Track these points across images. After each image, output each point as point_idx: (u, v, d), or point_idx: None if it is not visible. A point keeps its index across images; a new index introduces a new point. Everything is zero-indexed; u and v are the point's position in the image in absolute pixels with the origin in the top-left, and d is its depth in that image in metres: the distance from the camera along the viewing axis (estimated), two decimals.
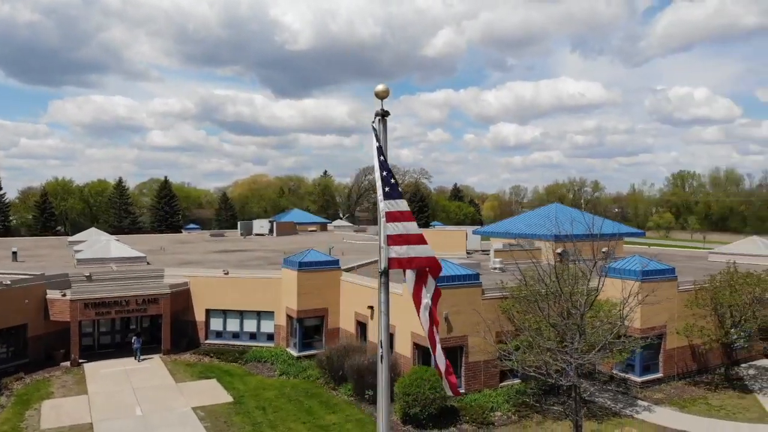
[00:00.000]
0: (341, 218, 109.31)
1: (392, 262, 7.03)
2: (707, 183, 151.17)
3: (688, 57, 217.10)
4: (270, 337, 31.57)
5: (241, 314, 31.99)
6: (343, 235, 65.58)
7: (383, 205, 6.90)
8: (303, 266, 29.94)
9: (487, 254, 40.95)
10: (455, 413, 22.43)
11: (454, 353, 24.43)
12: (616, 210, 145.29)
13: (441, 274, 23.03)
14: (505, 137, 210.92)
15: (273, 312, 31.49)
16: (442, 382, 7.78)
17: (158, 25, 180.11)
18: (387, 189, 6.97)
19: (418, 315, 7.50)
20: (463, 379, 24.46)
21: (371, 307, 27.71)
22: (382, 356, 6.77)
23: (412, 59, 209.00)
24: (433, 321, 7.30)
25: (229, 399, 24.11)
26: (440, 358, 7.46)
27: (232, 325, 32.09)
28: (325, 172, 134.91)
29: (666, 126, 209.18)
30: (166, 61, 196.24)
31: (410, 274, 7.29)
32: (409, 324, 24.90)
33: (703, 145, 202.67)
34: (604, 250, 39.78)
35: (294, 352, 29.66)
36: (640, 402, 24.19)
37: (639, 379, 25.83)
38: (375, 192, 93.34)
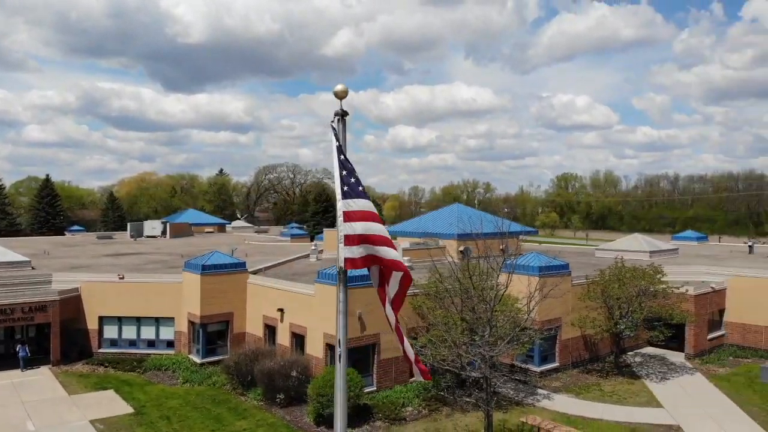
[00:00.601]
0: (239, 219, 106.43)
1: (347, 262, 6.93)
2: (588, 185, 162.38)
3: (571, 66, 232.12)
4: (170, 344, 30.10)
5: (138, 321, 30.26)
6: (244, 237, 63.86)
7: (341, 205, 6.79)
8: (206, 269, 28.84)
9: None
10: (369, 411, 22.55)
11: (367, 351, 24.56)
12: (506, 210, 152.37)
13: (354, 273, 23.04)
14: (403, 139, 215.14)
15: (173, 318, 30.07)
16: (413, 370, 7.93)
17: (38, 14, 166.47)
18: (346, 188, 6.86)
19: (384, 310, 7.49)
20: (375, 377, 24.63)
21: (281, 310, 27.23)
22: (340, 355, 6.64)
23: (311, 58, 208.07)
24: (396, 316, 7.31)
25: (130, 410, 22.73)
26: (408, 349, 7.51)
27: (129, 332, 30.27)
28: (221, 170, 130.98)
29: (550, 131, 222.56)
30: (45, 51, 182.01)
31: (374, 271, 7.23)
32: (321, 325, 24.72)
33: (584, 149, 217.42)
34: (502, 247, 41.67)
35: (197, 359, 28.48)
36: (539, 391, 25.52)
37: (538, 369, 27.25)
38: (276, 191, 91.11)
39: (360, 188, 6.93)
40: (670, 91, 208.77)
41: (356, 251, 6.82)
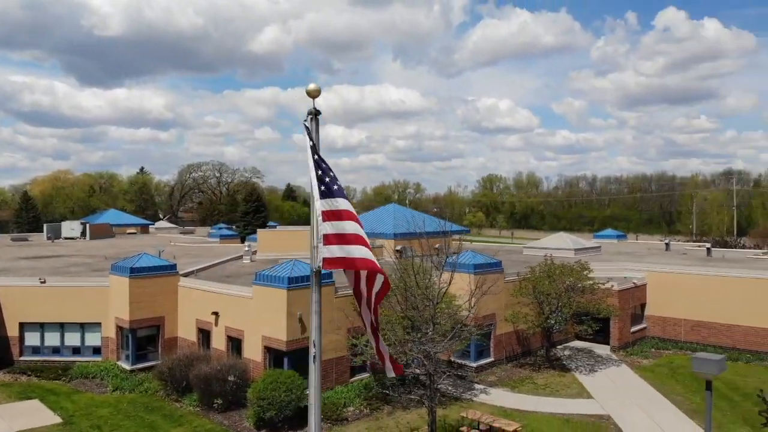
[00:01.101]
0: (162, 219, 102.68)
1: (325, 262, 6.84)
2: (512, 185, 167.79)
3: (495, 71, 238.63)
4: (97, 350, 28.67)
5: (62, 327, 28.64)
6: (169, 238, 61.68)
7: (318, 204, 6.69)
8: (135, 272, 27.67)
9: None
10: None
11: (307, 353, 24.26)
12: (436, 210, 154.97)
13: (294, 275, 22.70)
14: (333, 139, 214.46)
15: (100, 323, 28.66)
16: (384, 367, 7.90)
17: None
18: (323, 188, 6.78)
19: (359, 309, 7.42)
20: None
21: (216, 313, 26.51)
22: (315, 356, 6.53)
23: (237, 54, 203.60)
24: (375, 314, 7.25)
25: (58, 420, 21.49)
26: (383, 347, 7.48)
27: (52, 339, 28.58)
28: (142, 168, 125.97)
29: (475, 133, 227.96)
30: None
31: (348, 274, 7.16)
32: (259, 328, 24.26)
33: (507, 151, 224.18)
34: (437, 246, 42.26)
35: (126, 366, 27.28)
36: (476, 386, 26.12)
37: (474, 365, 27.90)
38: (201, 190, 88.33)
39: (336, 187, 6.88)
40: (587, 97, 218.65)
41: (335, 251, 6.77)
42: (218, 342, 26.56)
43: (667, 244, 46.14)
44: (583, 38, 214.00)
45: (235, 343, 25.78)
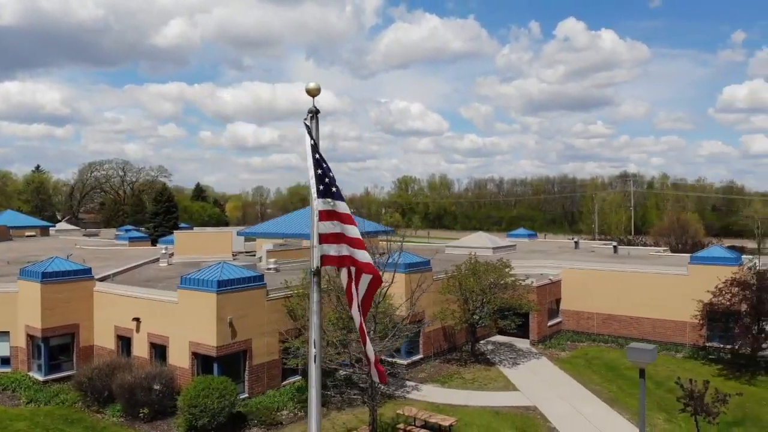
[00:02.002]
0: (61, 220, 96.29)
1: (324, 259, 6.77)
2: (425, 187, 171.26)
3: (407, 74, 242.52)
4: (6, 361, 26.59)
5: None
6: (74, 240, 57.98)
7: (317, 204, 6.61)
8: (47, 277, 25.89)
9: (253, 255, 40.46)
10: (243, 419, 21.84)
11: (238, 358, 23.71)
12: (353, 210, 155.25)
13: (224, 278, 22.07)
14: (243, 137, 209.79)
15: (8, 332, 26.60)
16: (370, 372, 7.80)
17: None
18: (321, 187, 6.69)
19: (350, 310, 7.33)
20: (247, 383, 23.85)
21: (137, 319, 25.29)
22: (315, 356, 6.44)
23: (140, 47, 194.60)
24: (364, 316, 7.18)
25: None
26: (369, 350, 7.39)
27: None
28: (38, 167, 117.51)
29: (388, 135, 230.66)
30: None
31: (344, 272, 7.08)
32: (186, 333, 23.40)
33: (418, 153, 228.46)
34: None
35: (39, 376, 25.47)
36: (408, 383, 26.53)
37: (405, 362, 28.31)
38: (103, 190, 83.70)
39: (334, 188, 6.85)
40: (493, 102, 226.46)
41: (333, 249, 6.76)
42: (140, 349, 25.35)
43: (576, 243, 48.81)
44: (489, 45, 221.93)
45: (159, 350, 24.71)
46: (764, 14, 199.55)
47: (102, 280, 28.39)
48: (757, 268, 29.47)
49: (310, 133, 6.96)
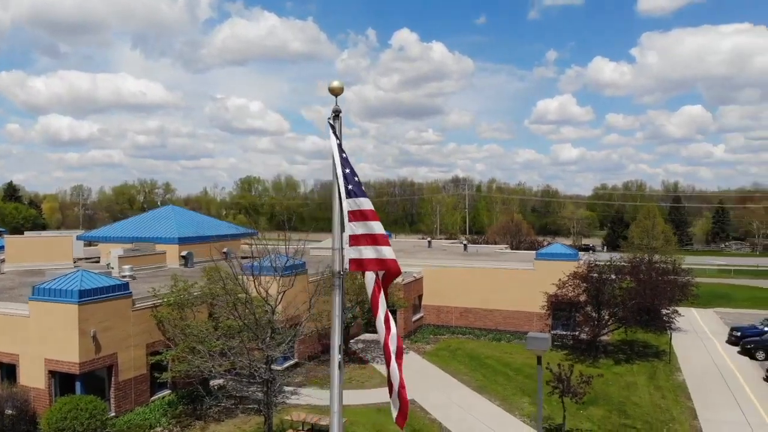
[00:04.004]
0: None
1: (352, 263, 6.45)
2: (271, 188, 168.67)
3: (245, 71, 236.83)
4: None
5: None
6: None
7: (346, 204, 6.29)
8: None
9: (97, 262, 36.98)
10: None
11: (102, 374, 21.58)
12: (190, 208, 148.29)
13: (85, 288, 20.23)
14: (57, 131, 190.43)
15: None
16: (391, 398, 7.14)
17: None
18: (350, 187, 6.38)
19: (375, 319, 7.00)
20: (113, 400, 21.78)
21: None
22: (340, 363, 6.13)
23: None
24: (388, 329, 6.89)
25: None
26: (394, 372, 7.00)
27: None
28: None
29: (225, 133, 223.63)
30: None
31: (370, 276, 6.78)
32: (40, 350, 20.81)
33: (259, 153, 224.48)
34: (224, 250, 40.94)
35: None
36: (287, 388, 25.99)
37: (282, 367, 27.68)
38: None
39: (362, 187, 6.62)
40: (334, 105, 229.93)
41: (363, 252, 6.51)
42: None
43: (429, 242, 51.33)
44: (329, 49, 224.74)
45: (6, 370, 21.68)
46: (574, 36, 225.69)
47: None
48: (596, 263, 33.26)
49: (335, 132, 6.71)
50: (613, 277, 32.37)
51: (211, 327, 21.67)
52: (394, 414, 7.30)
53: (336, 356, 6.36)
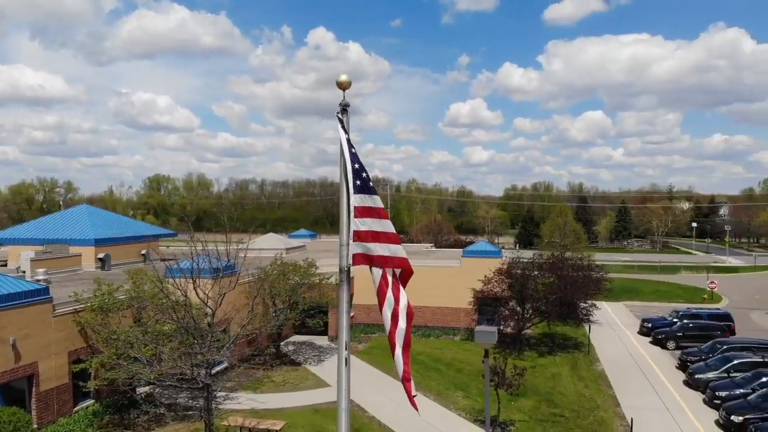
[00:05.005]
0: None
1: (356, 258, 6.29)
2: (181, 187, 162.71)
3: (153, 64, 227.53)
4: None
5: None
6: None
7: (353, 200, 6.12)
8: None
9: (4, 266, 34.34)
10: None
11: (22, 385, 20.05)
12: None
13: (2, 292, 18.90)
14: None
15: None
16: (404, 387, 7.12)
17: None
18: (358, 182, 6.22)
19: (381, 312, 6.87)
20: (35, 412, 20.29)
21: None
22: (346, 359, 6.00)
23: None
24: (395, 322, 6.79)
25: None
26: (398, 361, 6.96)
27: None
28: None
29: (131, 129, 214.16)
30: None
31: (376, 272, 6.65)
32: None
33: (167, 150, 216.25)
34: (143, 252, 39.24)
35: None
36: (219, 394, 25.22)
37: (213, 372, 26.79)
38: None
39: (371, 183, 6.49)
40: (247, 102, 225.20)
41: (371, 248, 6.40)
42: None
43: None
44: (242, 44, 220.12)
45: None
46: (486, 41, 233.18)
47: None
48: (519, 259, 34.57)
49: (344, 127, 6.57)
50: (536, 273, 33.75)
51: (140, 332, 20.70)
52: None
53: (343, 353, 6.28)
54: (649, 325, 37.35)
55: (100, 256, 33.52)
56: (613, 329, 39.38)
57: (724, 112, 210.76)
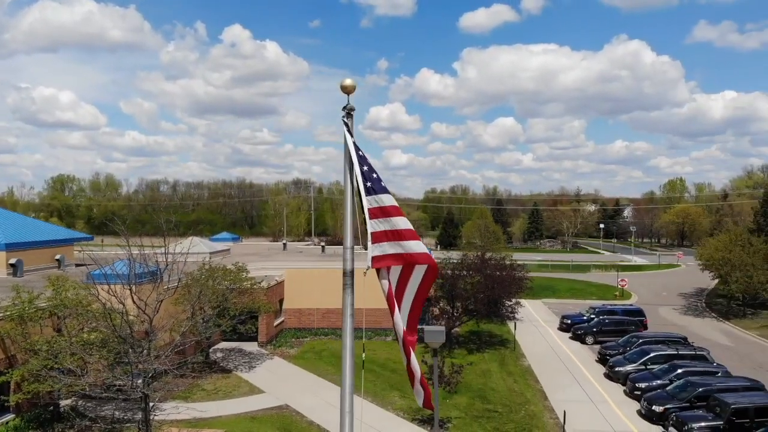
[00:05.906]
0: None
1: (374, 261, 6.17)
2: (88, 188, 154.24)
3: (55, 59, 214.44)
4: None
5: None
6: None
7: (365, 202, 6.00)
8: None
9: None
10: None
11: None
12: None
13: None
14: None
15: None
16: (414, 390, 7.37)
17: None
18: (369, 184, 6.09)
19: (392, 316, 6.76)
20: None
21: None
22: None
23: None
24: (411, 325, 6.73)
25: None
26: (414, 365, 6.92)
27: None
28: None
29: (30, 126, 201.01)
30: None
31: (393, 272, 6.52)
32: None
33: (70, 149, 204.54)
34: (57, 257, 37.04)
35: None
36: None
37: (139, 381, 25.59)
38: None
39: (382, 183, 6.41)
40: (158, 99, 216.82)
41: (385, 248, 6.34)
42: None
43: (284, 244, 50.71)
44: (153, 39, 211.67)
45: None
46: (404, 47, 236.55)
47: None
48: (450, 260, 35.31)
49: (349, 130, 6.45)
50: (465, 273, 34.60)
51: (64, 341, 19.49)
52: (420, 401, 7.75)
53: (347, 357, 6.20)
54: (569, 321, 39.23)
55: (12, 261, 31.19)
56: (535, 326, 41.03)
57: (625, 120, 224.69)
